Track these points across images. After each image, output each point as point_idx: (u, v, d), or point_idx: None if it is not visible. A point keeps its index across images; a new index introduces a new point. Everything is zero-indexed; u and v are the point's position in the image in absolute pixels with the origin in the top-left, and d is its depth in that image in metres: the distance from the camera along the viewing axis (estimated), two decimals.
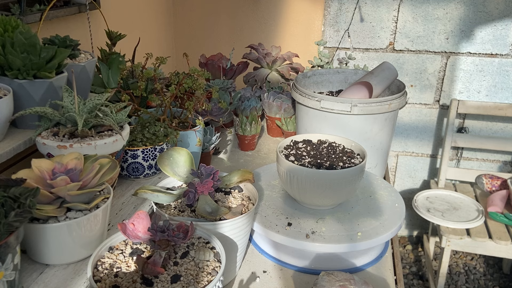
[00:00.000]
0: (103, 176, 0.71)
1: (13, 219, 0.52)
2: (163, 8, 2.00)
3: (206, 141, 1.14)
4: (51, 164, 0.67)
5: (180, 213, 0.76)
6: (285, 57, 1.60)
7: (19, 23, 0.84)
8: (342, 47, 1.97)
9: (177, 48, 2.13)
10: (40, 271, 0.67)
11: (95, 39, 1.32)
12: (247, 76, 1.58)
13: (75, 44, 0.99)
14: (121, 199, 0.89)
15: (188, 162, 0.83)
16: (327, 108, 1.07)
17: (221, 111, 1.29)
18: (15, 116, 0.78)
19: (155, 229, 0.62)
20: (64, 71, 0.88)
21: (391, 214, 0.88)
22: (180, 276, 0.60)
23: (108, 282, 0.59)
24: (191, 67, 1.03)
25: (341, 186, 0.84)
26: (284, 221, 0.85)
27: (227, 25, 2.05)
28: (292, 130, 1.34)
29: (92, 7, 1.34)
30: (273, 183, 0.99)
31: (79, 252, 0.69)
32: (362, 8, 1.88)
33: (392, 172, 2.15)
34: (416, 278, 2.06)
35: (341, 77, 1.34)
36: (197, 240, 0.68)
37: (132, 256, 0.64)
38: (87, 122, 0.80)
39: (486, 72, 1.88)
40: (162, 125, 0.96)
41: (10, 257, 0.53)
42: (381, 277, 0.83)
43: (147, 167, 0.94)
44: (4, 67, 0.79)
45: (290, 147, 0.96)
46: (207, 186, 0.76)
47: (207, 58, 1.54)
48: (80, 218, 0.66)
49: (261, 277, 0.82)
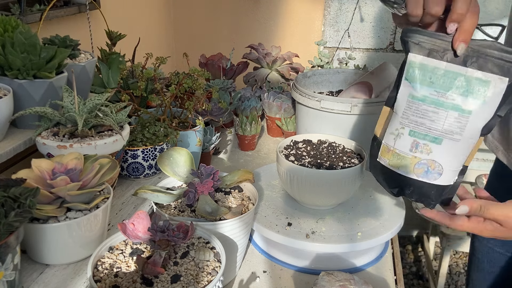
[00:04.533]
0: (103, 176, 0.71)
1: (13, 219, 0.52)
2: (163, 8, 2.00)
3: (206, 141, 1.14)
4: (51, 164, 0.67)
5: (180, 213, 0.76)
6: (285, 57, 1.60)
7: (19, 23, 0.84)
8: (342, 47, 1.97)
9: (177, 48, 2.13)
10: (40, 271, 0.67)
11: (95, 39, 1.32)
12: (247, 76, 1.58)
13: (75, 44, 0.99)
14: (121, 199, 0.89)
15: (188, 162, 0.83)
16: (327, 108, 1.07)
17: (221, 111, 1.29)
18: (15, 116, 0.78)
19: (155, 229, 0.62)
20: (64, 71, 0.88)
21: (391, 214, 0.88)
22: (180, 276, 0.60)
23: (108, 282, 0.59)
24: (191, 67, 1.03)
25: (341, 186, 0.84)
26: (284, 221, 0.85)
27: (227, 25, 2.05)
28: (292, 130, 1.34)
29: (92, 7, 1.34)
30: (273, 183, 0.99)
31: (79, 252, 0.69)
32: (362, 8, 1.88)
33: None
34: (416, 278, 2.06)
35: (341, 77, 1.34)
36: (197, 240, 0.68)
37: (132, 256, 0.64)
38: (87, 122, 0.80)
39: None
40: (162, 125, 0.96)
41: (10, 257, 0.53)
42: (381, 277, 0.83)
43: (147, 167, 0.94)
44: (4, 67, 0.79)
45: (290, 147, 0.96)
46: (207, 186, 0.76)
47: (207, 58, 1.54)
48: (80, 218, 0.66)
49: (261, 277, 0.82)
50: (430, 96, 0.61)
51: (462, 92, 0.60)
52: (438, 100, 0.61)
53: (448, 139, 0.61)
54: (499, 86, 0.59)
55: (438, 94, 0.61)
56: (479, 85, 0.59)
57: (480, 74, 0.59)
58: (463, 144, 0.62)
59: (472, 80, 0.59)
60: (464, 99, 0.60)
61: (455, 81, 0.60)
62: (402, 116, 0.64)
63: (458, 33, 0.59)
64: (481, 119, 0.61)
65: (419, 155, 0.63)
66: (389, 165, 0.67)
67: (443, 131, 0.61)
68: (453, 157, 0.63)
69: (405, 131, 0.64)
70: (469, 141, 0.62)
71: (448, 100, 0.60)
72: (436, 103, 0.61)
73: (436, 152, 0.63)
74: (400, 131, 0.64)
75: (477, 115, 0.60)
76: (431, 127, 0.62)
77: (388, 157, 0.67)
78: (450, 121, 0.61)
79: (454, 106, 0.60)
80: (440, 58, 0.60)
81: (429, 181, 0.64)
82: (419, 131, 0.63)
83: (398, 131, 0.65)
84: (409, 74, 0.63)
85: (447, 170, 0.64)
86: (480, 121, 0.61)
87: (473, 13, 0.58)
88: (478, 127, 0.61)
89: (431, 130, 0.62)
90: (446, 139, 0.61)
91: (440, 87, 0.60)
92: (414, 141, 0.63)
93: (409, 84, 0.63)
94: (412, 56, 0.62)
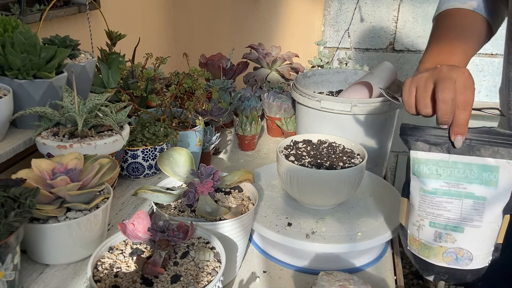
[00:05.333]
0: (103, 176, 0.71)
1: (13, 219, 0.52)
2: (163, 8, 2.00)
3: (206, 141, 1.14)
4: (51, 164, 0.67)
5: (180, 213, 0.76)
6: (285, 57, 1.60)
7: (19, 23, 0.84)
8: (342, 47, 1.97)
9: (177, 48, 2.13)
10: (40, 271, 0.67)
11: (95, 39, 1.32)
12: (247, 76, 1.58)
13: (75, 44, 0.99)
14: (121, 199, 0.89)
15: (188, 162, 0.83)
16: (327, 108, 1.07)
17: (221, 111, 1.29)
18: (15, 116, 0.78)
19: (155, 229, 0.62)
20: (64, 71, 0.88)
21: (391, 214, 0.88)
22: (180, 276, 0.60)
23: (108, 282, 0.59)
24: (191, 67, 1.03)
25: (341, 186, 0.84)
26: (284, 221, 0.85)
27: (227, 25, 2.05)
28: (292, 130, 1.34)
29: (92, 7, 1.34)
30: (273, 183, 0.99)
31: (79, 252, 0.69)
32: (362, 8, 1.88)
33: (392, 172, 2.15)
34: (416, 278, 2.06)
35: (341, 77, 1.34)
36: (197, 240, 0.68)
37: (132, 256, 0.64)
38: (87, 122, 0.80)
39: (486, 72, 1.88)
40: (162, 125, 0.96)
41: (10, 257, 0.53)
42: (381, 277, 0.83)
43: (147, 167, 0.94)
44: (4, 67, 0.79)
45: (290, 147, 0.96)
46: (207, 186, 0.76)
47: (207, 58, 1.54)
48: (80, 218, 0.66)
49: (261, 277, 0.82)
50: (440, 188, 0.61)
51: (472, 180, 0.59)
52: (450, 190, 0.60)
53: (470, 227, 0.61)
54: (509, 169, 0.58)
55: (449, 184, 0.60)
56: (488, 171, 0.59)
57: (486, 161, 0.59)
58: (486, 229, 0.61)
59: (479, 167, 0.59)
60: (476, 186, 0.59)
61: (463, 171, 0.59)
62: (419, 209, 0.63)
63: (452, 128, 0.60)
64: (498, 203, 0.60)
65: (445, 244, 0.62)
66: (419, 254, 0.66)
67: (462, 219, 0.60)
68: (480, 242, 0.62)
69: (425, 222, 0.63)
70: (491, 226, 0.61)
71: (460, 189, 0.60)
72: (449, 193, 0.60)
73: (461, 240, 0.62)
74: (420, 223, 0.64)
75: (493, 200, 0.59)
76: (449, 217, 0.61)
77: (416, 247, 0.66)
78: (466, 209, 0.60)
79: (467, 195, 0.59)
80: (443, 150, 0.60)
81: (461, 267, 0.63)
82: (438, 221, 0.62)
83: (419, 223, 0.64)
84: (415, 170, 0.62)
85: (477, 255, 0.62)
86: (497, 205, 0.60)
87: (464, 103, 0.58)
88: (498, 211, 0.60)
89: (450, 220, 0.61)
90: (467, 226, 0.61)
91: (449, 178, 0.60)
92: (436, 231, 0.62)
93: (418, 179, 0.62)
94: (414, 153, 0.62)
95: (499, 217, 0.61)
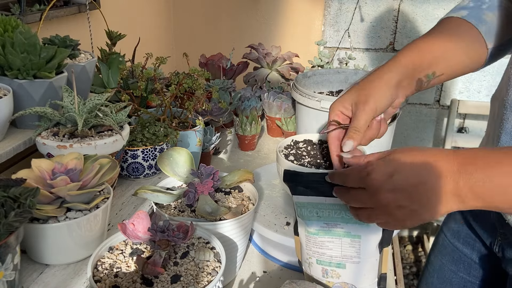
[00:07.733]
0: (103, 176, 0.71)
1: (13, 219, 0.52)
2: (163, 8, 2.00)
3: (206, 141, 1.14)
4: (51, 164, 0.67)
5: (180, 213, 0.76)
6: (285, 57, 1.60)
7: (19, 23, 0.84)
8: (342, 47, 1.97)
9: (177, 48, 2.13)
10: (40, 271, 0.67)
11: (95, 39, 1.32)
12: (247, 76, 1.58)
13: (75, 44, 0.99)
14: (121, 199, 0.89)
15: (188, 162, 0.83)
16: (327, 108, 1.07)
17: (221, 111, 1.29)
18: (15, 116, 0.78)
19: (155, 229, 0.62)
20: (64, 71, 0.88)
21: None
22: (180, 276, 0.60)
23: (108, 282, 0.59)
24: (191, 67, 1.03)
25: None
26: (282, 220, 0.85)
27: (227, 25, 2.05)
28: (292, 130, 1.34)
29: (92, 7, 1.34)
30: (273, 183, 0.99)
31: (79, 252, 0.69)
32: (362, 8, 1.89)
33: None
34: (416, 278, 2.06)
35: (341, 77, 1.34)
36: (197, 240, 0.68)
37: (132, 256, 0.64)
38: (87, 122, 0.80)
39: (486, 72, 1.88)
40: (162, 125, 0.96)
41: (10, 257, 0.53)
42: None
43: (147, 167, 0.94)
44: (4, 67, 0.79)
45: (290, 146, 0.96)
46: (207, 186, 0.76)
47: (207, 58, 1.54)
48: (80, 218, 0.66)
49: (261, 277, 0.82)
50: (322, 229, 0.65)
51: (347, 220, 0.63)
52: (330, 230, 0.64)
53: (350, 263, 0.65)
54: None
55: (328, 225, 0.64)
56: None
57: None
58: (365, 263, 0.65)
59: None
60: (351, 226, 0.63)
61: (339, 212, 0.63)
62: (307, 248, 0.68)
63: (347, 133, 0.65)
64: (372, 240, 0.64)
65: (332, 279, 0.67)
66: None
67: (342, 256, 0.65)
68: (361, 276, 0.66)
69: (313, 260, 0.68)
70: (370, 260, 0.66)
71: (338, 229, 0.64)
72: (329, 233, 0.65)
73: (345, 276, 0.66)
74: (310, 261, 0.68)
75: (367, 238, 0.64)
76: (332, 255, 0.66)
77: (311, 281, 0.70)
78: (345, 247, 0.65)
79: (345, 234, 0.64)
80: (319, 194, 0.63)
81: None
82: (323, 259, 0.67)
83: (309, 260, 0.69)
84: (299, 212, 0.66)
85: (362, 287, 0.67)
86: (372, 241, 0.64)
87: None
88: (373, 246, 0.65)
89: (333, 258, 0.66)
90: (348, 263, 0.65)
91: (328, 219, 0.64)
92: (323, 268, 0.67)
93: (303, 221, 0.66)
94: (296, 197, 0.65)
95: (376, 252, 0.65)
